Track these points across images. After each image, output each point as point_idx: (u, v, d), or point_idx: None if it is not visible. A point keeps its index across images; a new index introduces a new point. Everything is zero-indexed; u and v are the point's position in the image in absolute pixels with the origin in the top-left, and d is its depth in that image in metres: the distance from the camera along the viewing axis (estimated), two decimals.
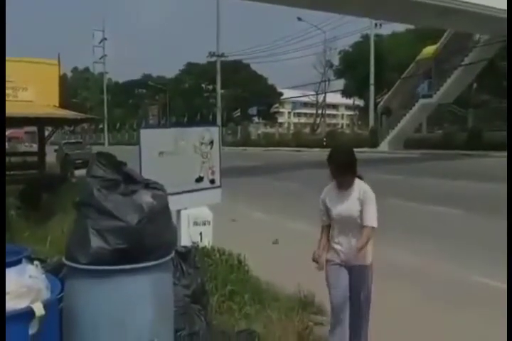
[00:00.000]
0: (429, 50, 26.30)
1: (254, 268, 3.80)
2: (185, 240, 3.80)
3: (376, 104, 29.93)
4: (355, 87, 36.91)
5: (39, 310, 1.50)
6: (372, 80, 30.20)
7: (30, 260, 1.75)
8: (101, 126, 53.62)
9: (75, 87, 57.14)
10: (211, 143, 3.99)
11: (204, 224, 4.10)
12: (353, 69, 35.84)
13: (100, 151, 2.46)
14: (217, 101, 37.77)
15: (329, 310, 3.29)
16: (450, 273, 4.50)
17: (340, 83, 41.40)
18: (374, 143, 27.86)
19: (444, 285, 4.21)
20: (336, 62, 41.31)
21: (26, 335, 1.50)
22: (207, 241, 4.01)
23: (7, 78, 15.18)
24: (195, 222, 4.02)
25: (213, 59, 38.94)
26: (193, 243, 3.68)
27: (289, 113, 63.89)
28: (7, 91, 14.87)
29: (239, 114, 45.28)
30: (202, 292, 2.78)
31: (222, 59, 37.84)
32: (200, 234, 4.02)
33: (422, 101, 25.53)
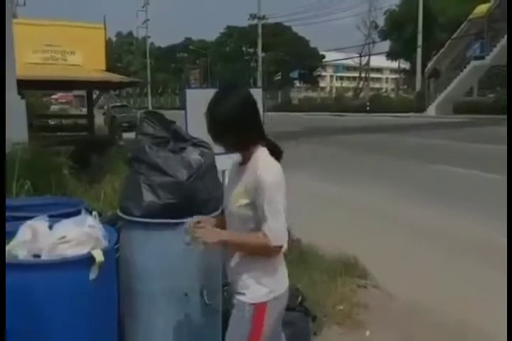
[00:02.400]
0: (482, 8, 24.39)
1: (296, 231, 3.84)
2: None
3: (424, 67, 28.49)
4: (401, 49, 35.12)
5: (99, 256, 1.59)
6: (420, 41, 28.58)
7: (88, 212, 1.84)
8: (145, 90, 54.27)
9: (120, 52, 57.73)
10: None
11: None
12: (400, 29, 33.94)
13: (149, 110, 2.50)
14: (258, 64, 37.16)
15: (372, 274, 3.34)
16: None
17: (385, 45, 39.54)
18: (421, 108, 26.77)
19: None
20: (381, 22, 39.28)
21: (87, 280, 1.60)
22: None
23: (55, 42, 15.56)
24: None
25: (254, 21, 38.01)
26: None
27: (332, 76, 62.06)
28: (56, 55, 15.27)
29: (280, 77, 44.45)
30: None
31: (264, 21, 36.83)
32: None
33: (473, 63, 24.02)
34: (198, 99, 3.76)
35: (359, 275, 3.31)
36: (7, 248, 1.71)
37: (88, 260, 1.60)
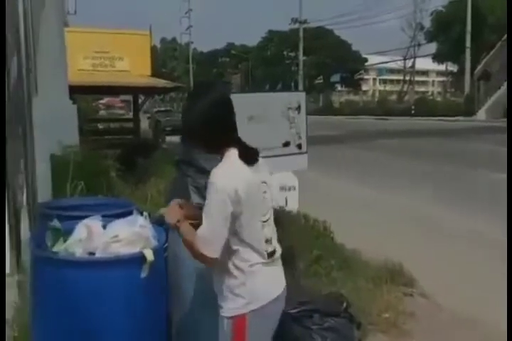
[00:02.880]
0: None
1: (339, 236, 3.82)
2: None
3: (472, 69, 27.45)
4: (448, 51, 34.00)
5: (149, 255, 1.65)
6: (468, 43, 27.56)
7: (139, 212, 1.91)
8: (186, 94, 55.39)
9: (164, 57, 59.30)
10: (298, 108, 3.98)
11: (290, 189, 4.16)
12: (447, 31, 32.87)
13: None
14: (299, 68, 37.10)
15: (418, 282, 3.26)
16: None
17: (431, 47, 38.42)
18: (470, 111, 25.79)
19: None
20: (426, 24, 38.22)
21: (138, 278, 1.66)
22: (293, 207, 4.08)
23: (104, 49, 16.19)
24: (281, 187, 4.09)
25: (296, 25, 37.99)
26: (280, 207, 3.76)
27: (374, 80, 60.95)
28: (105, 62, 15.90)
29: (321, 81, 44.16)
30: (289, 254, 2.86)
31: (305, 25, 36.77)
32: (286, 199, 4.09)
33: None
34: (243, 103, 3.85)
35: (405, 283, 3.23)
36: (64, 245, 1.81)
37: (139, 259, 1.66)
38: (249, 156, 1.54)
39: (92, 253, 1.78)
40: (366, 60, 51.20)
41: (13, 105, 2.92)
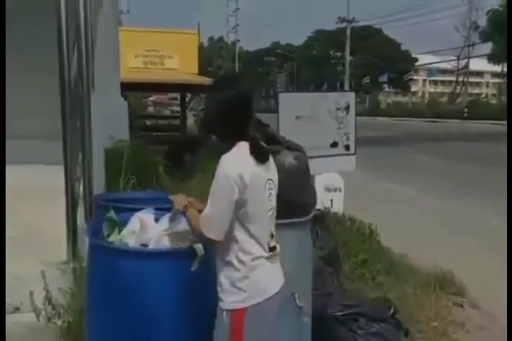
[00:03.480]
0: None
1: (385, 240, 3.74)
2: (317, 205, 3.87)
3: None
4: (505, 51, 32.40)
5: (200, 250, 1.69)
6: None
7: None
8: None
9: (210, 56, 60.17)
10: (347, 108, 3.94)
11: (335, 190, 4.12)
12: (504, 30, 31.31)
13: None
14: (346, 68, 36.53)
15: (469, 291, 3.13)
16: None
17: (486, 47, 36.74)
18: None
19: None
20: (482, 23, 36.57)
21: (189, 270, 1.71)
22: (338, 208, 4.04)
23: (154, 47, 16.56)
24: (327, 188, 4.06)
25: (343, 25, 37.42)
26: (325, 208, 3.74)
27: (424, 81, 59.03)
28: (155, 60, 16.32)
29: (368, 81, 43.28)
30: (335, 256, 2.84)
31: (353, 24, 36.12)
32: (331, 200, 4.06)
33: None
34: (291, 103, 3.86)
35: (455, 292, 3.12)
36: (119, 236, 1.89)
37: (190, 253, 1.70)
38: (260, 153, 1.59)
39: (144, 245, 1.85)
40: (416, 59, 49.66)
41: (73, 100, 3.06)
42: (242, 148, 1.57)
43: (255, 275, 1.55)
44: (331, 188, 4.11)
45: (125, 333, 1.70)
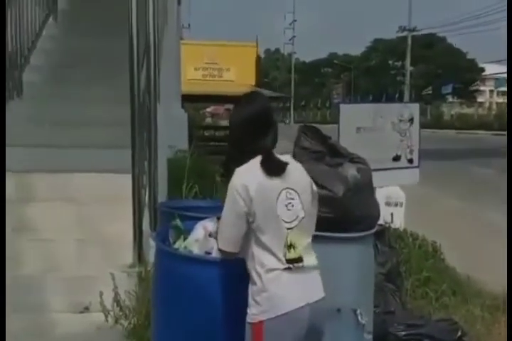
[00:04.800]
0: None
1: (449, 258, 3.57)
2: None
3: None
4: None
5: None
6: None
7: None
8: (287, 104, 56.31)
9: (267, 67, 61.01)
10: (410, 120, 3.84)
11: (396, 205, 4.01)
12: None
13: (306, 124, 2.61)
14: (406, 78, 35.59)
15: None
16: None
17: None
18: None
19: None
20: None
21: (247, 279, 1.71)
22: (399, 223, 3.92)
23: (214, 60, 17.11)
24: (387, 202, 3.95)
25: (404, 33, 36.54)
26: (385, 223, 3.63)
27: (492, 91, 56.11)
28: (214, 72, 16.77)
29: (430, 92, 41.86)
30: (396, 273, 2.76)
31: (414, 33, 35.18)
32: (392, 214, 3.95)
33: None
34: (352, 114, 3.82)
35: None
36: (184, 243, 1.95)
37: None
38: (270, 165, 1.60)
39: (208, 253, 1.89)
40: (483, 69, 47.46)
41: (141, 112, 3.21)
42: (255, 160, 1.61)
43: (271, 289, 1.55)
44: (391, 202, 4.00)
45: (188, 337, 1.74)
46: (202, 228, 1.97)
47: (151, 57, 3.42)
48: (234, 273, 1.75)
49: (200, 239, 1.94)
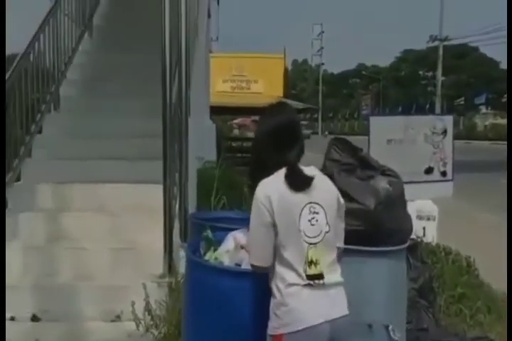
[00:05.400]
0: None
1: (484, 274, 3.45)
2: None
3: None
4: None
5: None
6: None
7: None
8: (315, 115, 56.20)
9: (294, 79, 61.25)
10: (444, 132, 3.77)
11: (428, 218, 3.91)
12: None
13: (337, 137, 2.60)
14: (437, 89, 34.95)
15: None
16: None
17: None
18: None
19: None
20: None
21: None
22: (431, 237, 3.82)
23: (242, 72, 17.31)
24: (419, 216, 3.87)
25: (435, 43, 36.01)
26: (417, 237, 3.55)
27: None
28: (242, 84, 16.96)
29: (462, 102, 40.99)
30: (429, 288, 2.69)
31: (445, 43, 34.61)
32: (424, 228, 3.86)
33: None
34: (382, 126, 3.79)
35: None
36: (214, 254, 1.96)
37: None
38: (294, 180, 1.57)
39: (238, 264, 1.90)
40: None
41: (172, 125, 3.27)
42: (280, 173, 1.59)
43: (291, 303, 1.53)
44: (423, 216, 3.91)
45: None
46: (232, 239, 1.98)
47: (183, 71, 3.50)
48: (264, 285, 1.75)
49: (231, 250, 1.95)
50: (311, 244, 1.56)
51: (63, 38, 4.58)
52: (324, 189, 1.64)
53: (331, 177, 2.22)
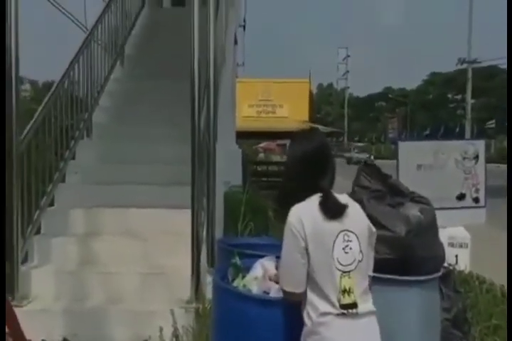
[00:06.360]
0: None
1: None
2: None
3: None
4: None
5: None
6: None
7: None
8: (340, 139, 56.07)
9: (319, 103, 61.59)
10: (476, 157, 3.69)
11: (461, 246, 3.79)
12: None
13: (365, 163, 2.58)
14: (467, 111, 34.42)
15: None
16: None
17: None
18: None
19: None
20: None
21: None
22: (463, 265, 3.69)
23: (268, 97, 17.47)
24: (451, 243, 3.75)
25: (463, 66, 35.70)
26: (449, 265, 3.44)
27: None
28: (268, 109, 17.11)
29: (493, 125, 40.17)
30: (463, 319, 2.58)
31: (474, 65, 34.26)
32: (456, 256, 3.74)
33: None
34: (411, 151, 3.74)
35: None
36: (243, 281, 1.95)
37: None
38: (329, 208, 1.56)
39: (266, 293, 1.88)
40: None
41: (200, 150, 3.32)
42: (313, 199, 1.59)
43: (323, 333, 1.51)
44: (455, 243, 3.79)
45: None
46: (260, 267, 1.97)
47: (211, 97, 3.58)
48: (292, 314, 1.72)
49: (259, 277, 1.94)
50: (344, 272, 1.54)
51: (96, 66, 4.73)
52: (357, 217, 1.64)
53: (360, 203, 2.22)
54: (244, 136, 13.84)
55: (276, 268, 1.95)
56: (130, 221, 3.52)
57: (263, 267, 1.96)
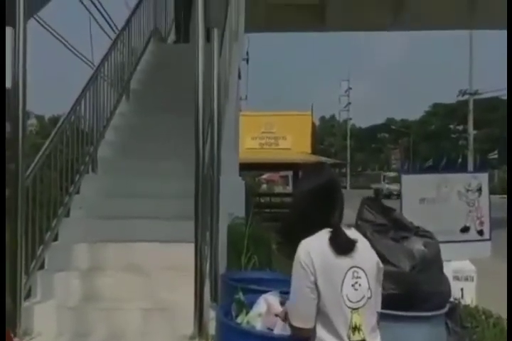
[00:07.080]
0: None
1: None
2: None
3: None
4: None
5: None
6: None
7: None
8: (343, 170, 56.13)
9: (322, 134, 62.14)
10: (479, 190, 3.69)
11: (466, 279, 3.73)
12: None
13: (368, 196, 2.60)
14: (469, 142, 34.58)
15: None
16: None
17: None
18: None
19: None
20: None
21: None
22: (470, 299, 3.62)
23: (270, 129, 17.62)
24: (456, 277, 3.69)
25: (465, 97, 36.17)
26: (455, 299, 3.37)
27: None
28: (270, 141, 17.26)
29: (496, 156, 40.24)
30: None
31: (476, 97, 34.70)
32: (462, 290, 3.66)
33: None
34: (414, 185, 3.75)
35: None
36: (246, 318, 1.93)
37: None
38: (338, 244, 1.54)
39: (270, 329, 1.85)
40: None
41: (204, 185, 3.33)
42: (322, 234, 1.57)
43: None
44: (461, 277, 3.73)
45: None
46: (264, 302, 1.96)
47: (215, 132, 3.63)
48: None
49: (263, 313, 1.92)
50: (353, 309, 1.53)
51: (102, 101, 4.79)
52: (366, 253, 1.62)
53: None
54: (247, 168, 13.91)
55: (281, 303, 1.94)
56: (134, 255, 3.50)
57: (267, 302, 1.95)
